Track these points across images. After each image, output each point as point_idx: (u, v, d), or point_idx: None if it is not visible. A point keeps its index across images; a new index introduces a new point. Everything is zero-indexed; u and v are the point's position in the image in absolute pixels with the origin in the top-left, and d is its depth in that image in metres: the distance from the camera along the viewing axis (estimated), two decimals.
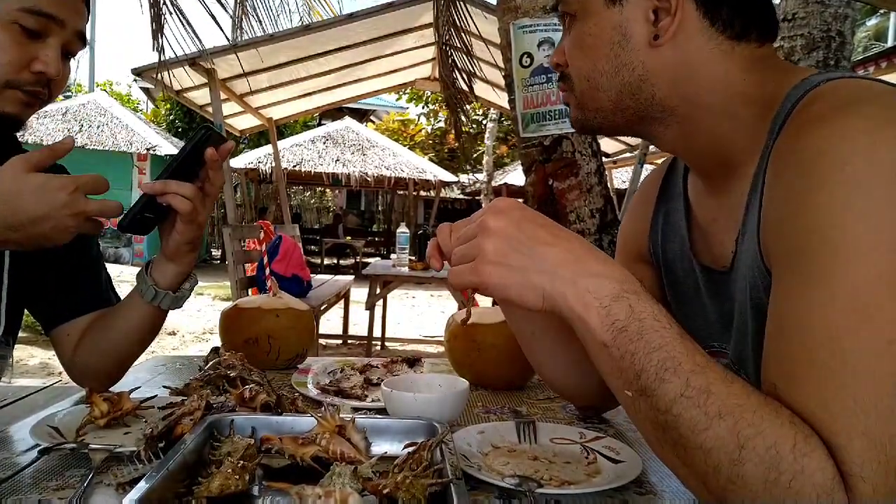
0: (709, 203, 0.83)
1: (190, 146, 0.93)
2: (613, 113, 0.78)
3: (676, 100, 0.75)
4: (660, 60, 0.74)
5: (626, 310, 0.60)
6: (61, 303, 1.14)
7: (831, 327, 0.55)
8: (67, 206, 0.84)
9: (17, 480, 0.73)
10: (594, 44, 0.76)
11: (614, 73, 0.76)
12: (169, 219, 0.99)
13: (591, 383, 0.92)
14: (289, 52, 5.11)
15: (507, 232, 0.64)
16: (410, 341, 6.40)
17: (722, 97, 0.74)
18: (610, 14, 0.75)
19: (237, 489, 0.65)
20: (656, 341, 0.58)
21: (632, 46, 0.74)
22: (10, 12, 0.93)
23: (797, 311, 0.58)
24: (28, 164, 0.84)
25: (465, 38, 3.17)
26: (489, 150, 13.86)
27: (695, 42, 0.73)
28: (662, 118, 0.77)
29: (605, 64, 0.76)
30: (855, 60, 5.09)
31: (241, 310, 1.30)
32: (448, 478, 0.64)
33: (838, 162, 0.57)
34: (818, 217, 0.58)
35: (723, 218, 0.79)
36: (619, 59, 0.75)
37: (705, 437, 0.55)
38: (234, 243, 4.15)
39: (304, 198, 21.53)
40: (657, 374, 0.57)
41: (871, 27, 17.56)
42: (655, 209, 0.94)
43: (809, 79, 0.70)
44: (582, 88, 0.79)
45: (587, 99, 0.79)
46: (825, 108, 0.63)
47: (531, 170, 2.44)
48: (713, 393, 0.56)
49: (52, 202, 0.83)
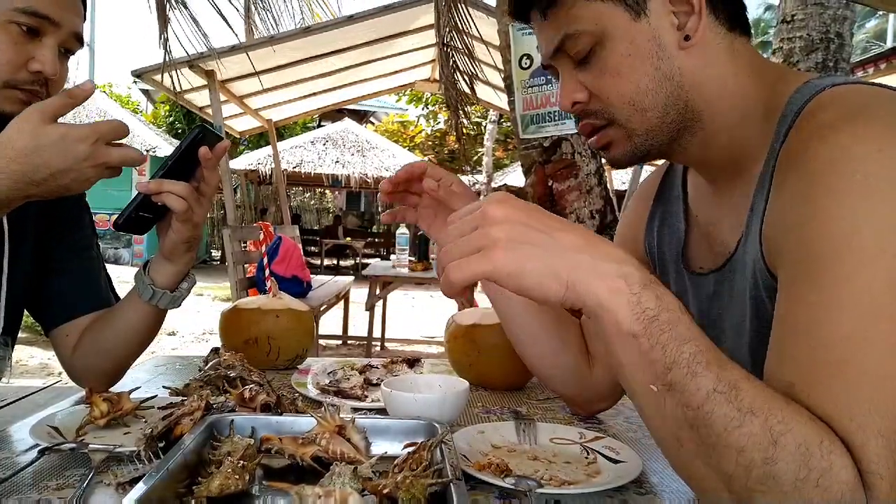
0: (712, 204, 0.82)
1: (185, 145, 0.93)
2: (661, 132, 0.75)
3: (702, 103, 0.74)
4: (690, 63, 0.73)
5: (655, 298, 0.56)
6: (61, 303, 1.14)
7: (845, 329, 0.55)
8: (89, 158, 0.83)
9: (17, 480, 0.73)
10: (632, 63, 0.73)
11: (658, 89, 0.73)
12: (166, 218, 1.00)
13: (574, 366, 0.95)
14: (289, 53, 5.11)
15: (517, 218, 0.58)
16: (410, 342, 6.40)
17: (734, 98, 0.74)
18: (640, 28, 0.72)
19: (237, 489, 0.65)
20: (685, 333, 0.56)
21: (668, 55, 0.72)
22: (6, 12, 0.93)
23: (811, 314, 0.58)
24: (45, 114, 0.83)
25: (466, 40, 3.17)
26: (489, 151, 13.86)
27: (710, 39, 0.73)
28: (691, 126, 0.75)
29: (648, 81, 0.73)
30: (854, 62, 5.09)
31: (241, 311, 1.30)
32: (448, 478, 0.64)
33: (849, 170, 0.59)
34: (830, 223, 0.58)
35: (725, 219, 0.79)
36: (661, 72, 0.72)
37: (739, 434, 0.53)
38: (234, 244, 4.15)
39: (304, 199, 21.53)
40: (689, 368, 0.54)
41: (871, 28, 17.57)
42: (652, 211, 0.94)
43: (813, 82, 0.70)
44: (626, 116, 0.75)
45: (635, 124, 0.75)
46: (835, 116, 0.63)
47: (531, 171, 2.45)
48: (742, 389, 0.54)
49: (73, 155, 0.82)
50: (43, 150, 0.81)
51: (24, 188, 0.83)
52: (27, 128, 0.82)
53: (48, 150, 0.81)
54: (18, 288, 1.09)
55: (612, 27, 0.72)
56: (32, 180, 0.82)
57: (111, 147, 0.85)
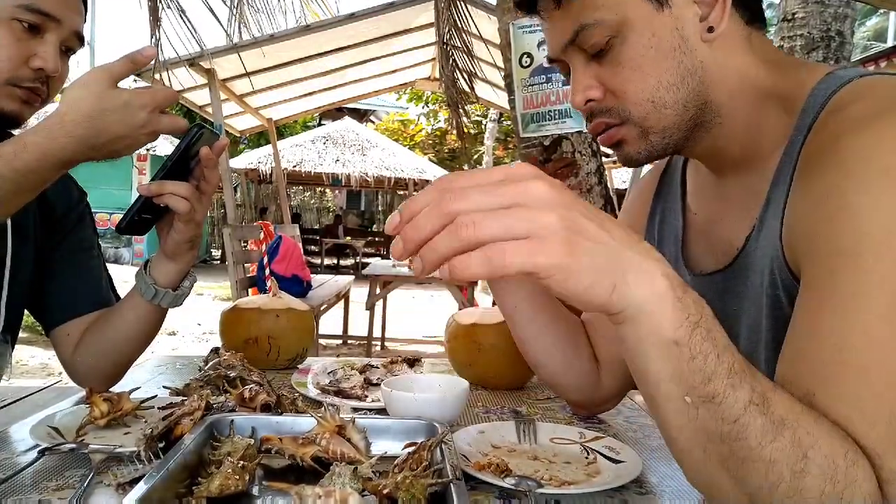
0: (714, 200, 0.80)
1: (184, 145, 0.93)
2: (679, 129, 0.71)
3: (723, 97, 0.70)
4: (712, 57, 0.69)
5: (694, 303, 0.51)
6: (61, 303, 1.14)
7: (870, 335, 0.53)
8: (146, 126, 0.85)
9: (17, 480, 0.73)
10: (655, 57, 0.68)
11: (681, 83, 0.69)
12: (166, 218, 1.00)
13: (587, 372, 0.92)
14: (289, 51, 5.10)
15: (568, 202, 0.48)
16: (410, 341, 6.40)
17: (754, 91, 0.71)
18: (662, 19, 0.68)
19: (237, 489, 0.65)
20: (722, 341, 0.51)
21: (690, 48, 0.68)
22: (8, 9, 0.93)
23: (834, 317, 0.55)
24: (112, 77, 0.84)
25: (465, 39, 3.17)
26: (489, 150, 13.85)
27: (731, 30, 0.69)
28: (709, 121, 0.72)
29: (671, 76, 0.68)
30: (854, 60, 5.09)
31: (241, 310, 1.30)
32: (448, 478, 0.64)
33: (883, 166, 0.56)
34: (861, 219, 0.55)
35: (731, 214, 0.76)
36: (683, 66, 0.68)
37: (772, 448, 0.50)
38: (234, 243, 4.15)
39: (304, 198, 21.53)
40: (729, 379, 0.50)
41: (871, 27, 17.57)
42: (653, 207, 0.91)
43: (837, 74, 0.67)
44: (644, 113, 0.70)
45: (652, 122, 0.71)
46: (867, 108, 0.60)
47: None
48: (772, 400, 0.51)
49: (134, 122, 0.83)
50: (106, 114, 0.82)
51: (84, 151, 0.84)
52: (94, 90, 0.83)
53: (111, 116, 0.82)
54: (20, 287, 1.09)
55: (634, 18, 0.67)
56: (93, 144, 0.83)
57: (163, 115, 0.87)
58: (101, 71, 0.84)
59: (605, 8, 0.68)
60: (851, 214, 0.56)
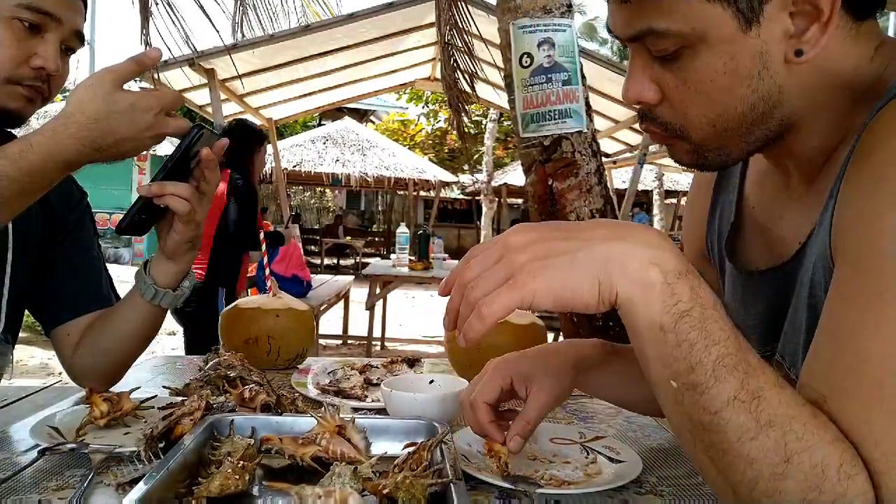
0: (778, 196, 0.74)
1: (184, 145, 0.93)
2: (739, 148, 0.66)
3: (806, 109, 0.63)
4: (794, 81, 0.61)
5: (689, 291, 0.52)
6: (62, 302, 1.15)
7: (890, 347, 0.51)
8: (151, 128, 0.85)
9: (17, 480, 0.73)
10: (727, 84, 0.60)
11: (748, 112, 0.62)
12: (166, 218, 1.00)
13: None
14: (289, 52, 5.10)
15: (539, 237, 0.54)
16: (410, 341, 6.40)
17: (845, 92, 0.63)
18: (747, 41, 0.59)
19: (237, 489, 0.65)
20: (717, 333, 0.52)
21: (770, 73, 0.60)
22: (9, 8, 0.94)
23: (855, 323, 0.53)
24: (118, 79, 0.84)
25: (466, 39, 3.17)
26: (489, 150, 13.85)
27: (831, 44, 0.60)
28: (779, 136, 0.66)
29: (738, 104, 0.61)
30: None
31: (241, 310, 1.30)
32: (448, 478, 0.64)
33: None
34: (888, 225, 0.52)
35: (792, 213, 0.71)
36: (757, 94, 0.61)
37: (752, 446, 0.51)
38: None
39: (304, 198, 21.53)
40: (713, 371, 0.51)
41: None
42: (713, 200, 0.85)
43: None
44: (701, 135, 0.65)
45: (709, 143, 0.65)
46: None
47: (531, 170, 2.44)
48: (765, 399, 0.51)
49: (139, 124, 0.84)
50: (112, 117, 0.83)
51: (90, 153, 0.84)
52: (100, 92, 0.83)
53: (117, 118, 0.83)
54: (20, 287, 1.09)
55: (714, 35, 0.59)
56: (99, 146, 0.84)
57: (168, 118, 0.87)
58: (107, 73, 0.84)
59: (682, 18, 0.59)
60: (883, 218, 0.53)
